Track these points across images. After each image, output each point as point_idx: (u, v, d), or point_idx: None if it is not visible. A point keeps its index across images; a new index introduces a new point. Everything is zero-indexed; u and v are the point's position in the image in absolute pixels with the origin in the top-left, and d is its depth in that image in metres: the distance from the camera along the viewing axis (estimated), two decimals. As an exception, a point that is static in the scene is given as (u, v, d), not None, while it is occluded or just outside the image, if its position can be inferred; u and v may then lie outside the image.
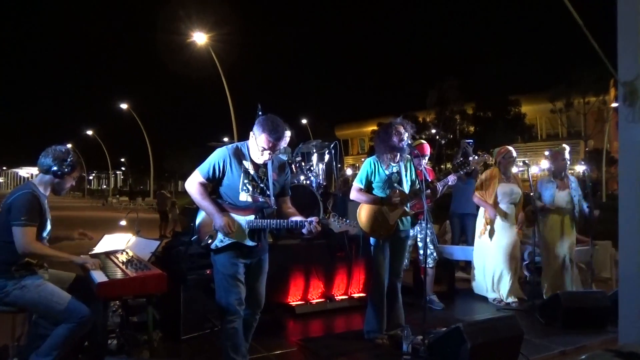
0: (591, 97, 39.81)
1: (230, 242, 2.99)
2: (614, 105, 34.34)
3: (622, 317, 3.37)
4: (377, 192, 3.99)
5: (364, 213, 4.00)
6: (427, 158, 4.99)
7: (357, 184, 4.04)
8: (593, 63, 31.21)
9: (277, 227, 3.01)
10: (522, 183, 5.64)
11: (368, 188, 4.01)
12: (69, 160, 3.13)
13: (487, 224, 5.47)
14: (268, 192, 3.09)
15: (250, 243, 3.01)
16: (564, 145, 5.74)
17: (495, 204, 5.44)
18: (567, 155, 5.54)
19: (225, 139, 21.70)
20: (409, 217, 4.05)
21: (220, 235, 2.99)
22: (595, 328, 4.41)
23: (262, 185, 3.08)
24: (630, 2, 3.25)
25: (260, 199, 3.06)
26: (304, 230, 2.95)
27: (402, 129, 3.93)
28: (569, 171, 5.80)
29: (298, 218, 3.02)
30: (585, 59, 35.67)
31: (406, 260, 4.78)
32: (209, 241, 3.01)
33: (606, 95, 39.50)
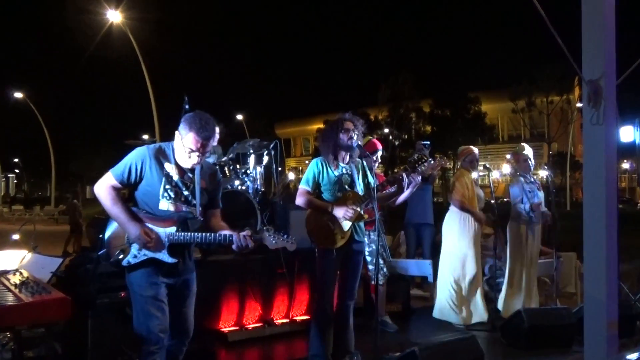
0: (554, 96, 42.11)
1: (145, 257, 2.91)
2: (579, 105, 36.44)
3: (587, 335, 3.51)
4: (326, 196, 3.97)
5: (312, 221, 3.97)
6: (379, 154, 5.05)
7: (303, 187, 3.98)
8: (556, 59, 33.16)
9: (202, 241, 2.96)
10: (481, 189, 5.86)
11: (315, 191, 4.00)
12: None
13: (478, 230, 5.61)
14: (194, 202, 3.04)
15: (169, 260, 2.94)
16: (523, 144, 5.98)
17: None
18: (528, 154, 5.78)
19: (145, 137, 21.08)
20: (362, 225, 4.06)
21: (133, 249, 2.91)
22: (561, 347, 4.62)
23: (186, 192, 3.03)
24: (595, -5, 3.42)
25: (184, 209, 3.00)
26: (234, 247, 2.92)
27: (351, 126, 3.96)
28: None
29: (227, 232, 2.98)
30: (548, 55, 37.80)
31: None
32: (120, 256, 2.91)
33: (570, 95, 41.89)
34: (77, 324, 3.66)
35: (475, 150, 5.84)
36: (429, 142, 6.00)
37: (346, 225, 3.90)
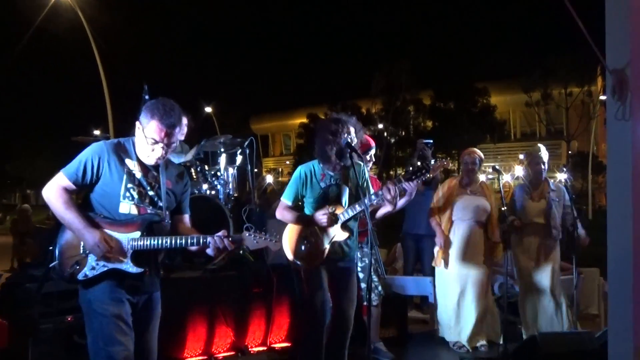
0: (574, 87, 42.41)
1: (105, 269, 2.89)
2: (602, 98, 36.86)
3: (612, 364, 3.54)
4: (309, 210, 4.07)
5: (292, 236, 4.05)
6: (372, 152, 5.07)
7: (284, 201, 4.14)
8: (576, 45, 33.46)
9: (172, 247, 2.96)
10: (493, 197, 5.88)
11: (300, 204, 4.10)
12: None
13: (441, 253, 5.71)
14: (160, 203, 3.05)
15: (133, 270, 2.93)
16: (539, 145, 6.04)
17: (449, 223, 5.67)
18: (543, 157, 5.83)
19: (97, 133, 20.95)
20: (350, 243, 4.11)
21: (91, 260, 2.89)
22: (581, 378, 4.66)
23: (151, 193, 3.04)
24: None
25: (149, 210, 3.01)
26: (210, 251, 2.94)
27: (351, 130, 4.04)
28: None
29: (200, 235, 3.01)
30: (566, 40, 38.18)
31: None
32: (76, 268, 2.89)
33: (592, 86, 42.28)
34: (15, 353, 3.61)
35: (476, 154, 5.87)
36: (431, 141, 5.99)
37: (326, 243, 3.99)
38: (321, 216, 3.93)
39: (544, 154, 5.87)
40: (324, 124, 4.17)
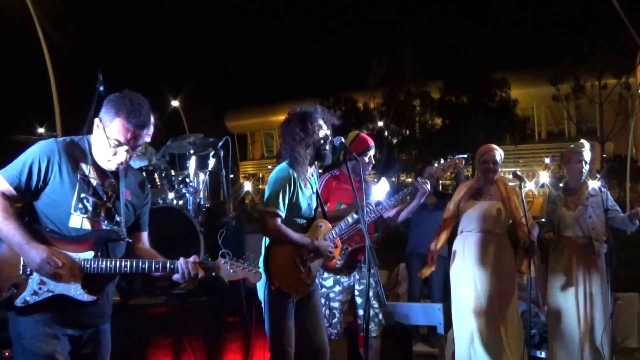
0: (609, 78, 42.68)
1: (50, 295, 2.86)
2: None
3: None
4: (291, 223, 4.06)
5: (278, 258, 4.01)
6: (372, 152, 5.07)
7: (273, 210, 3.98)
8: (610, 28, 33.66)
9: (133, 271, 2.95)
10: (519, 202, 5.75)
11: (289, 217, 4.05)
12: None
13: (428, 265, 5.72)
14: (117, 217, 3.03)
15: (84, 297, 2.91)
16: (583, 140, 5.96)
17: (464, 236, 5.64)
18: (586, 156, 5.75)
19: (41, 131, 20.87)
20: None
21: (32, 283, 2.86)
22: None
23: (109, 204, 3.03)
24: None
25: (105, 226, 3.00)
26: (177, 277, 2.93)
27: (323, 124, 4.06)
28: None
29: (166, 259, 3.00)
30: (599, 23, 38.36)
31: (337, 327, 4.84)
32: (13, 292, 2.86)
33: (630, 77, 42.58)
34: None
35: (496, 150, 5.73)
36: (467, 156, 5.95)
37: (315, 268, 4.07)
38: (328, 248, 3.97)
39: (588, 152, 5.80)
40: (289, 121, 4.14)
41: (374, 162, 5.14)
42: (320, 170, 4.57)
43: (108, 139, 2.94)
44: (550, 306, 5.83)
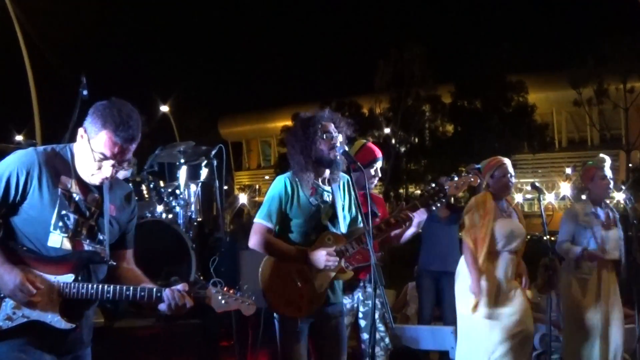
0: (635, 81, 42.65)
1: (25, 320, 2.85)
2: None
3: None
4: (295, 236, 4.03)
5: (272, 273, 3.99)
6: (379, 165, 5.07)
7: (260, 222, 4.02)
8: (635, 29, 33.72)
9: (116, 298, 2.93)
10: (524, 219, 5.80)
11: (281, 228, 4.02)
12: None
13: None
14: (101, 236, 3.02)
15: (61, 325, 2.89)
16: (602, 155, 5.99)
17: (493, 256, 5.54)
18: (607, 171, 5.78)
19: (20, 139, 20.91)
20: (341, 282, 4.12)
21: (7, 308, 2.85)
22: None
23: (92, 222, 3.01)
24: None
25: (87, 246, 2.98)
26: (163, 307, 2.91)
27: (332, 128, 4.02)
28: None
29: (150, 285, 2.98)
30: (625, 22, 38.35)
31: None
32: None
33: (658, 80, 42.51)
34: None
35: (507, 161, 5.70)
36: (480, 166, 5.89)
37: (321, 283, 3.95)
38: (325, 258, 3.86)
39: (609, 167, 5.83)
40: (292, 127, 4.17)
41: (379, 175, 5.12)
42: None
43: (93, 152, 2.92)
44: (574, 329, 5.78)
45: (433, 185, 4.19)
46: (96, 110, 2.94)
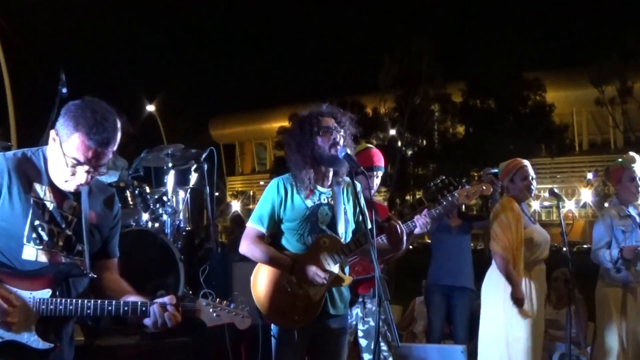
0: (662, 78, 42.65)
1: (0, 341, 2.85)
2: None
3: None
4: (289, 242, 4.04)
5: (263, 281, 4.01)
6: (380, 173, 5.08)
7: (253, 226, 4.05)
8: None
9: (97, 314, 2.92)
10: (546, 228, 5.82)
11: (273, 233, 4.04)
12: None
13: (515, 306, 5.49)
14: (79, 247, 3.02)
15: (40, 345, 2.89)
16: (632, 153, 5.97)
17: (530, 267, 5.50)
18: (637, 171, 5.76)
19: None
20: (344, 290, 4.12)
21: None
22: None
23: (68, 231, 3.00)
24: None
25: (65, 258, 2.98)
26: (148, 322, 2.91)
27: (332, 123, 4.02)
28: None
29: (135, 298, 2.97)
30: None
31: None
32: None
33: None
34: None
35: (527, 163, 5.68)
36: (497, 171, 5.88)
37: (316, 293, 3.95)
38: (312, 273, 3.85)
39: (639, 166, 5.80)
40: (290, 128, 4.19)
41: (375, 186, 5.10)
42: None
43: (65, 157, 2.89)
44: (600, 349, 5.78)
45: (443, 177, 4.17)
46: (68, 111, 2.92)
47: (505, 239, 5.44)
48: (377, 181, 5.08)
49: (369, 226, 3.80)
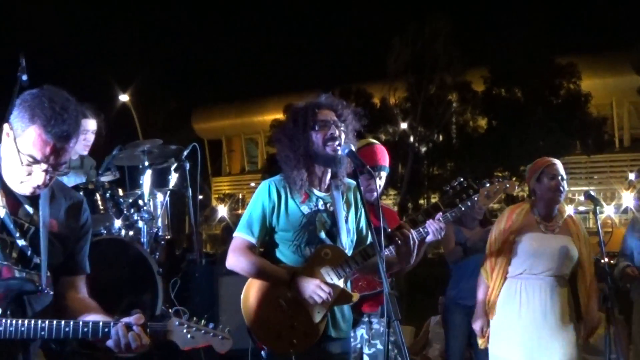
0: None
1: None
2: None
3: None
4: (283, 253, 4.05)
5: (255, 297, 4.00)
6: (385, 174, 5.09)
7: (241, 236, 4.05)
8: None
9: (52, 336, 2.93)
10: (586, 236, 5.64)
11: (265, 243, 4.05)
12: None
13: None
14: (36, 260, 3.02)
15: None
16: None
17: (503, 279, 5.55)
18: None
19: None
20: (346, 309, 4.13)
21: None
22: None
23: (24, 242, 3.01)
24: None
25: (19, 273, 2.98)
26: (111, 343, 2.91)
27: (331, 116, 4.03)
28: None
29: (98, 317, 2.97)
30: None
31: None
32: None
33: None
34: None
35: (556, 162, 5.61)
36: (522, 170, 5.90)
37: (318, 312, 3.95)
38: (312, 289, 3.85)
39: None
40: (283, 121, 4.19)
41: (377, 188, 5.11)
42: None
43: (20, 154, 2.88)
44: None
45: (461, 179, 4.16)
46: (23, 101, 2.91)
47: (492, 245, 5.60)
48: (380, 183, 5.07)
49: (376, 235, 3.73)
